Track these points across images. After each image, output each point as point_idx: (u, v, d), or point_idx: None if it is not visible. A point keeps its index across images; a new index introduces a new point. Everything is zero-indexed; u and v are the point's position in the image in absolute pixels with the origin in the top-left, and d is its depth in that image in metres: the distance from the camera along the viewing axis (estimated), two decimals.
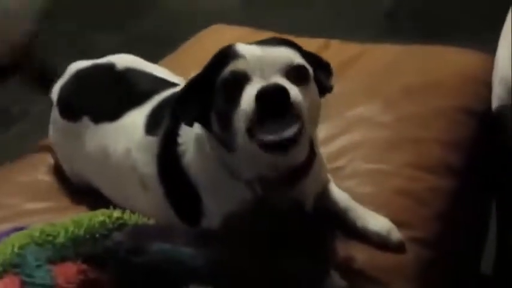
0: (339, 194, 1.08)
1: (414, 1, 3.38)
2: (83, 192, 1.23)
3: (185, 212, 1.01)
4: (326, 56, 1.63)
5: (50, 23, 3.27)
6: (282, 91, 0.84)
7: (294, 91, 0.86)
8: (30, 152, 1.44)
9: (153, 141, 1.04)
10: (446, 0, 3.31)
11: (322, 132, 1.31)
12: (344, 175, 1.19)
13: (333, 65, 1.55)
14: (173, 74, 1.37)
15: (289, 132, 0.83)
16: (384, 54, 1.60)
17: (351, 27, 3.07)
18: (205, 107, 0.92)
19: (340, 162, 1.23)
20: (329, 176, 1.13)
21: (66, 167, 1.26)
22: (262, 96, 0.83)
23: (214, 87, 0.90)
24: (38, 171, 1.32)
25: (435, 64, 1.53)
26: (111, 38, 3.18)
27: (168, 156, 1.01)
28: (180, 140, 1.00)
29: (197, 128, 0.96)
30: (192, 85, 0.95)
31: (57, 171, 1.29)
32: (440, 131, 1.31)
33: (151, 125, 1.06)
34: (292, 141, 0.84)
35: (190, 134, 0.99)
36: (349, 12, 3.34)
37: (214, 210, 0.95)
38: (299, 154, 0.93)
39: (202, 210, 0.97)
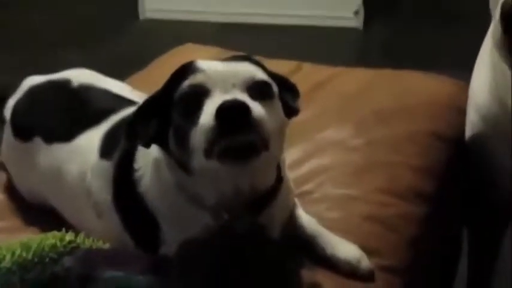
0: (306, 219, 1.03)
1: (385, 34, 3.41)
2: (37, 211, 1.16)
3: (143, 240, 0.94)
4: (298, 77, 1.62)
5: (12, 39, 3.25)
6: (243, 106, 0.79)
7: (256, 106, 0.81)
8: None
9: (108, 165, 0.98)
10: (417, 32, 3.36)
11: (290, 155, 1.27)
12: (312, 199, 1.15)
13: (304, 87, 1.53)
14: (137, 90, 1.32)
15: (249, 138, 0.79)
16: (356, 77, 1.58)
17: (323, 56, 3.08)
18: (163, 125, 0.86)
19: (308, 187, 1.19)
20: (296, 200, 1.08)
21: (19, 185, 1.19)
22: (222, 111, 0.79)
23: (172, 104, 0.85)
24: None
25: (407, 89, 1.51)
26: (77, 57, 3.13)
27: (123, 182, 0.95)
28: (136, 165, 0.94)
29: (155, 151, 0.91)
30: (149, 103, 0.90)
31: (11, 188, 1.22)
32: (412, 156, 1.28)
33: (107, 147, 1.00)
34: (251, 150, 0.80)
35: (147, 158, 0.93)
36: (321, 41, 3.35)
37: (174, 238, 0.89)
38: (264, 177, 0.89)
39: (161, 238, 0.92)
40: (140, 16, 3.63)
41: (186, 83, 0.84)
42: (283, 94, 0.92)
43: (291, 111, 0.93)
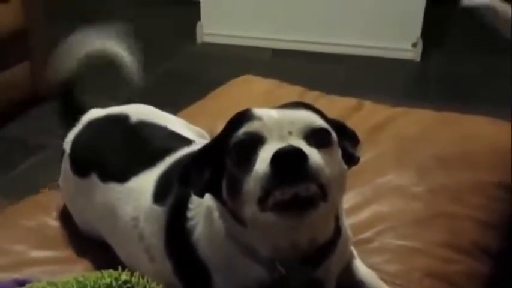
0: (365, 272, 0.99)
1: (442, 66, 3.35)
2: (91, 241, 1.16)
3: None
4: (358, 117, 1.60)
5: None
6: (300, 153, 0.74)
7: (314, 154, 0.77)
8: (41, 187, 1.38)
9: (162, 211, 0.96)
10: (473, 64, 3.29)
11: (348, 199, 1.24)
12: (370, 249, 1.11)
13: (364, 127, 1.51)
14: (194, 122, 1.31)
15: (306, 191, 0.74)
16: (417, 119, 1.54)
17: (380, 87, 3.04)
18: (217, 174, 0.83)
19: (366, 235, 1.15)
20: (353, 250, 1.04)
21: (74, 215, 1.19)
22: (278, 158, 0.74)
23: (227, 151, 0.82)
24: (46, 214, 1.25)
25: (470, 134, 1.46)
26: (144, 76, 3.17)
27: (176, 230, 0.93)
28: (189, 213, 0.92)
29: (208, 199, 0.88)
30: (205, 150, 0.87)
31: (66, 215, 1.22)
32: (476, 208, 1.23)
33: (161, 191, 0.98)
34: (309, 202, 0.75)
35: (200, 207, 0.91)
36: (379, 71, 3.31)
37: None
38: (322, 229, 0.85)
39: None
40: (198, 40, 3.67)
41: (242, 131, 0.81)
42: (342, 141, 0.87)
43: (350, 159, 0.88)
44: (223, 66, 3.20)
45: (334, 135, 0.84)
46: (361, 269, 1.00)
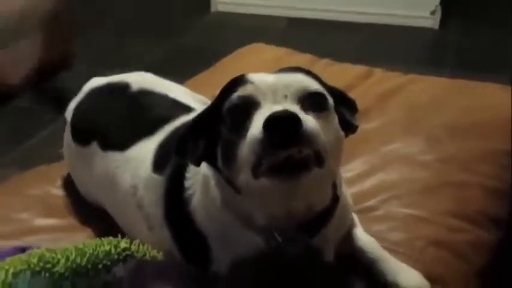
0: (366, 240, 0.98)
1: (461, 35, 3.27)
2: (93, 210, 1.16)
3: (193, 257, 0.91)
4: (367, 84, 1.57)
5: (89, 34, 3.32)
6: (294, 117, 0.72)
7: (309, 118, 0.75)
8: (54, 158, 1.38)
9: (160, 181, 0.95)
10: (494, 34, 3.21)
11: (354, 167, 1.22)
12: (374, 217, 1.09)
13: (374, 94, 1.48)
14: (201, 92, 1.29)
15: (298, 153, 0.72)
16: (429, 87, 1.50)
17: (397, 56, 2.99)
18: (212, 142, 0.81)
19: (371, 203, 1.13)
20: (356, 218, 1.03)
21: (77, 184, 1.20)
22: (271, 123, 0.71)
23: (221, 118, 0.80)
24: (51, 184, 1.26)
25: (483, 102, 1.42)
26: (147, 47, 3.17)
27: (174, 200, 0.92)
28: (186, 183, 0.90)
29: (205, 168, 0.87)
30: (199, 119, 0.85)
31: (70, 184, 1.23)
32: (485, 176, 1.20)
33: (159, 160, 0.97)
34: (303, 164, 0.72)
35: (197, 176, 0.89)
36: (396, 40, 3.25)
37: (224, 258, 0.85)
38: (318, 196, 0.83)
39: (211, 256, 0.88)
40: (212, 9, 3.64)
41: (235, 95, 0.79)
42: (340, 108, 0.85)
43: (348, 126, 0.86)
44: (237, 36, 3.16)
45: (330, 100, 0.82)
46: (362, 237, 0.98)
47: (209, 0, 3.62)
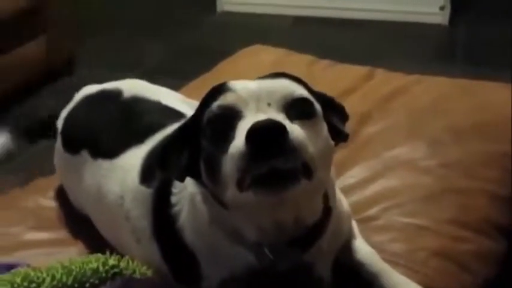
0: (366, 253, 0.94)
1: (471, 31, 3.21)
2: (85, 222, 1.13)
3: (182, 273, 0.88)
4: (369, 86, 1.53)
5: (99, 33, 3.31)
6: (278, 126, 0.67)
7: (294, 128, 0.70)
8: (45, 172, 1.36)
9: (148, 194, 0.91)
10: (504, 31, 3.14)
11: (355, 174, 1.19)
12: (375, 227, 1.06)
13: (375, 96, 1.44)
14: (197, 98, 1.26)
15: (284, 163, 0.67)
16: (431, 88, 1.46)
17: (406, 53, 2.94)
18: (195, 155, 0.77)
19: (372, 211, 1.09)
20: (356, 228, 0.99)
21: (69, 195, 1.17)
22: (254, 134, 0.67)
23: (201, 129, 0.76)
24: (43, 196, 1.23)
25: (487, 103, 1.38)
26: (154, 46, 3.16)
27: (162, 215, 0.88)
28: (173, 199, 0.87)
29: (191, 183, 0.83)
30: (181, 131, 0.81)
31: (63, 196, 1.20)
32: (490, 181, 1.16)
33: (147, 171, 0.92)
34: (288, 175, 0.68)
35: (184, 192, 0.86)
36: (405, 37, 3.19)
37: (215, 276, 0.82)
38: (308, 209, 0.79)
39: (201, 274, 0.85)
40: (218, 8, 3.61)
41: (215, 105, 0.74)
42: (330, 116, 0.80)
43: (338, 135, 0.81)
44: (243, 36, 3.13)
45: (318, 107, 0.77)
46: (362, 249, 0.94)
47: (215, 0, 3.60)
